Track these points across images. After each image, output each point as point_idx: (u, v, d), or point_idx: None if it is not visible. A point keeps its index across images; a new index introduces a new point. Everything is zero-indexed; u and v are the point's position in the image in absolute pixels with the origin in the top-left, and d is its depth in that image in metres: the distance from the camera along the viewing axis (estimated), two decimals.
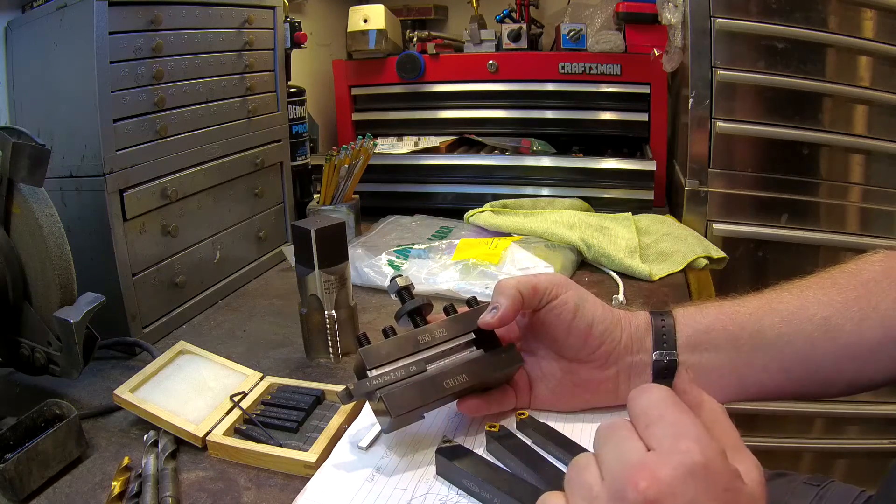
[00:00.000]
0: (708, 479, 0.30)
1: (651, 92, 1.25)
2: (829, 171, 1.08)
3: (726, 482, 0.30)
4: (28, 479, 0.51)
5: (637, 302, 0.83)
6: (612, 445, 0.33)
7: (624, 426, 0.33)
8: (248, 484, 0.52)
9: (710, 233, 1.10)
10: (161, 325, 0.80)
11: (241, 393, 0.61)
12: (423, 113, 1.39)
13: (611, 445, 0.33)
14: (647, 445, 0.32)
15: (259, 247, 1.01)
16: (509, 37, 1.33)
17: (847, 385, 0.50)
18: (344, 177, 1.06)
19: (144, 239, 0.77)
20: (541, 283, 0.50)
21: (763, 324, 0.49)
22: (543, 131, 1.34)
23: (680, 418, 0.32)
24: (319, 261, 0.67)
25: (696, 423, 0.32)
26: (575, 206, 1.11)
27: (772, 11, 1.02)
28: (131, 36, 0.74)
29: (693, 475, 0.29)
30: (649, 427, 0.32)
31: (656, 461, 0.30)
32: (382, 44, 1.33)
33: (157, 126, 0.78)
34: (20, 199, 0.61)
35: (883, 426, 1.19)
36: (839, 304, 0.48)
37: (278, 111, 1.04)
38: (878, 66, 1.03)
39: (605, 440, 0.33)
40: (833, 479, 0.64)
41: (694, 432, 0.31)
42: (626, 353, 0.51)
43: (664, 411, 0.32)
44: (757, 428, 1.21)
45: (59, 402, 0.56)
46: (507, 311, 0.49)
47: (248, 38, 0.94)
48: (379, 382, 0.48)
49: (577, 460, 0.34)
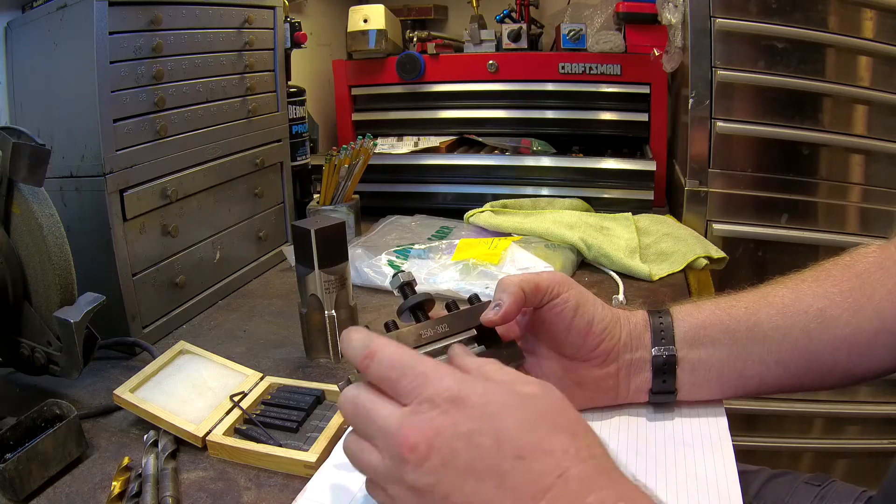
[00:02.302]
0: (469, 405, 0.31)
1: (651, 92, 1.25)
2: (828, 171, 1.08)
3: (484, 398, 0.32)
4: (28, 479, 0.51)
5: (637, 302, 0.83)
6: (366, 419, 0.35)
7: (363, 397, 0.35)
8: (248, 484, 0.52)
9: (710, 233, 1.10)
10: (161, 325, 0.80)
11: (241, 393, 0.61)
12: (423, 113, 1.39)
13: (364, 420, 0.35)
14: (399, 402, 0.34)
15: (259, 247, 1.01)
16: (509, 37, 1.33)
17: (844, 376, 0.50)
18: (344, 177, 1.06)
19: (144, 239, 0.77)
20: (543, 280, 0.50)
21: (759, 317, 0.50)
22: (543, 131, 1.34)
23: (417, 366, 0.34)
24: (319, 261, 0.67)
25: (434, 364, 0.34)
26: (575, 206, 1.11)
27: (772, 11, 1.02)
28: (131, 36, 0.73)
29: (446, 408, 0.31)
30: (395, 385, 0.34)
31: (414, 414, 0.32)
32: (382, 44, 1.33)
33: (157, 126, 0.78)
34: (20, 199, 0.61)
35: (883, 426, 1.19)
36: (834, 296, 0.49)
37: (278, 111, 1.04)
38: (878, 66, 1.03)
39: (356, 416, 0.35)
40: (834, 479, 0.64)
41: (434, 372, 0.33)
42: (626, 350, 0.51)
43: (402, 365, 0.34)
44: (757, 428, 1.21)
45: (59, 402, 0.56)
46: (510, 308, 0.49)
47: (248, 38, 0.94)
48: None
49: (347, 446, 0.36)
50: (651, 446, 0.49)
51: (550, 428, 0.31)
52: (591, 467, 0.31)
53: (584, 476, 0.30)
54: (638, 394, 0.52)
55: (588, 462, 0.31)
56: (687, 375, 0.51)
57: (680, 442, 0.49)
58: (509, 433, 0.31)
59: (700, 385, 0.51)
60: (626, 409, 0.53)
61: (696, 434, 0.50)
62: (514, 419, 0.31)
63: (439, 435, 0.31)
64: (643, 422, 0.52)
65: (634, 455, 0.48)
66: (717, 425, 0.51)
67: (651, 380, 0.51)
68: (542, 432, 0.31)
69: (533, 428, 0.31)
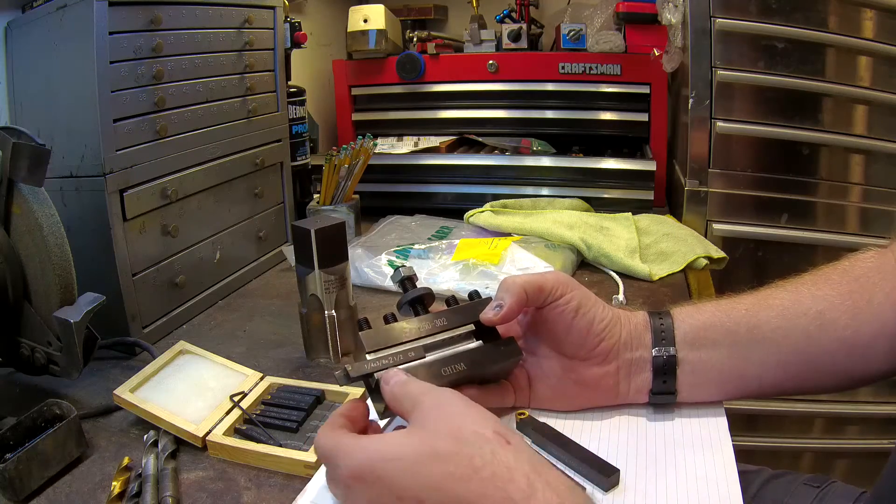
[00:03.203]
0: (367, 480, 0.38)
1: (651, 92, 1.25)
2: (828, 171, 1.08)
3: (376, 472, 0.37)
4: (28, 479, 0.51)
5: (637, 302, 0.83)
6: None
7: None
8: (248, 484, 0.52)
9: (710, 233, 1.10)
10: (161, 325, 0.80)
11: (241, 393, 0.61)
12: (423, 113, 1.39)
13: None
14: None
15: (259, 247, 1.01)
16: (509, 37, 1.33)
17: (843, 379, 0.50)
18: (344, 177, 1.06)
19: (144, 239, 0.77)
20: (547, 282, 0.50)
21: (759, 319, 0.50)
22: (543, 131, 1.34)
23: (338, 448, 0.40)
24: (319, 261, 0.67)
25: (348, 444, 0.39)
26: (575, 206, 1.11)
27: (772, 11, 1.02)
28: (131, 36, 0.73)
29: (358, 482, 0.38)
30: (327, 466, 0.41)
31: (341, 484, 0.39)
32: (382, 44, 1.33)
33: (157, 126, 0.78)
34: (20, 199, 0.61)
35: (883, 426, 1.19)
36: (833, 299, 0.49)
37: (278, 111, 1.04)
38: (878, 66, 1.03)
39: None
40: (834, 480, 0.64)
41: (344, 453, 0.39)
42: (626, 350, 0.51)
43: (326, 452, 0.41)
44: (757, 428, 1.21)
45: (59, 402, 0.56)
46: (511, 309, 0.49)
47: (248, 38, 0.94)
48: (377, 366, 0.48)
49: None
50: (651, 446, 0.49)
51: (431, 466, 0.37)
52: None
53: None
54: (638, 394, 0.52)
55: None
56: (687, 376, 0.51)
57: (680, 442, 0.49)
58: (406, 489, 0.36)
59: (700, 386, 0.51)
60: (627, 409, 0.53)
61: (696, 434, 0.50)
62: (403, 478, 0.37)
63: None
64: (643, 422, 0.52)
65: (634, 455, 0.48)
66: (716, 425, 0.51)
67: (651, 380, 0.51)
68: (422, 477, 0.36)
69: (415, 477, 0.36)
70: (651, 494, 0.44)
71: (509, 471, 0.35)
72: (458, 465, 0.36)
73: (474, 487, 0.35)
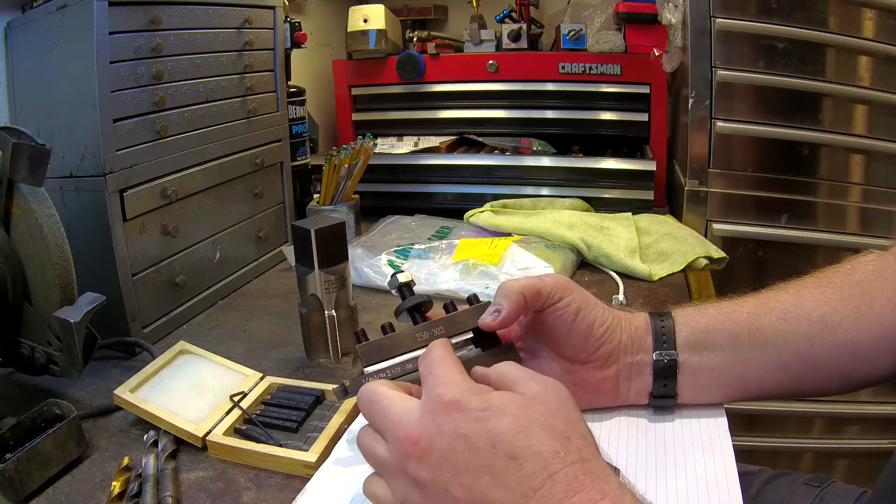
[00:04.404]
0: (469, 408, 0.34)
1: (651, 92, 1.25)
2: (828, 171, 1.08)
3: (484, 403, 0.35)
4: (28, 479, 0.51)
5: (637, 302, 0.83)
6: (380, 414, 0.38)
7: (380, 392, 0.39)
8: (248, 484, 0.52)
9: (710, 233, 1.10)
10: (161, 325, 0.80)
11: (241, 393, 0.61)
12: (423, 113, 1.39)
13: (379, 415, 0.38)
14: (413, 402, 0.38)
15: (259, 247, 1.01)
16: (509, 37, 1.33)
17: (844, 382, 0.50)
18: (344, 177, 1.06)
19: (144, 239, 0.77)
20: (546, 286, 0.50)
21: (761, 322, 0.50)
22: (543, 131, 1.34)
23: (440, 371, 0.38)
24: (319, 261, 0.67)
25: (453, 371, 0.38)
26: (575, 206, 1.11)
27: (772, 11, 1.02)
28: (131, 36, 0.73)
29: (448, 410, 0.35)
30: (423, 382, 0.38)
31: (422, 413, 0.36)
32: (382, 44, 1.33)
33: (157, 126, 0.78)
34: (20, 199, 0.61)
35: (883, 426, 1.19)
36: (835, 303, 0.49)
37: (278, 111, 1.04)
38: (878, 66, 1.03)
39: (371, 410, 0.39)
40: (834, 480, 0.64)
41: (447, 379, 0.37)
42: (626, 353, 0.51)
43: (433, 367, 0.38)
44: (757, 428, 1.21)
45: (59, 402, 0.56)
46: (509, 314, 0.49)
47: (248, 38, 0.94)
48: (375, 379, 0.48)
49: (360, 439, 0.39)
50: (651, 447, 0.49)
51: (542, 431, 0.34)
52: (578, 469, 0.33)
53: (572, 477, 0.32)
54: (638, 397, 0.52)
55: (577, 465, 0.33)
56: (688, 380, 0.51)
57: (680, 442, 0.49)
58: (503, 436, 0.33)
59: (701, 389, 0.51)
60: (627, 409, 0.53)
61: (696, 435, 0.50)
62: (508, 423, 0.34)
63: (441, 434, 0.34)
64: (643, 422, 0.52)
65: (635, 456, 0.48)
66: (717, 426, 0.51)
67: (651, 383, 0.51)
68: (533, 436, 0.33)
69: (525, 431, 0.34)
70: (651, 495, 0.44)
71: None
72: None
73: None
